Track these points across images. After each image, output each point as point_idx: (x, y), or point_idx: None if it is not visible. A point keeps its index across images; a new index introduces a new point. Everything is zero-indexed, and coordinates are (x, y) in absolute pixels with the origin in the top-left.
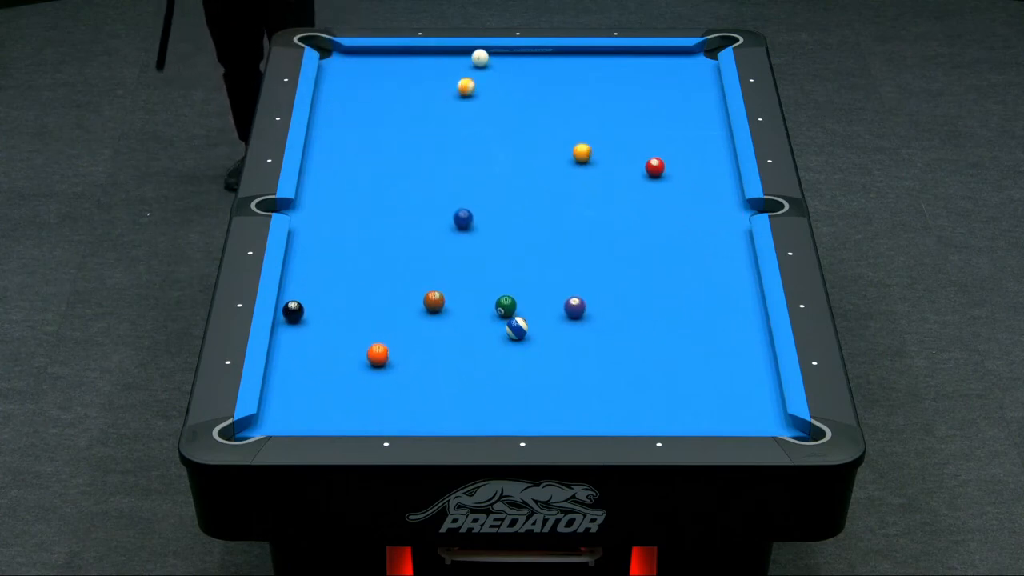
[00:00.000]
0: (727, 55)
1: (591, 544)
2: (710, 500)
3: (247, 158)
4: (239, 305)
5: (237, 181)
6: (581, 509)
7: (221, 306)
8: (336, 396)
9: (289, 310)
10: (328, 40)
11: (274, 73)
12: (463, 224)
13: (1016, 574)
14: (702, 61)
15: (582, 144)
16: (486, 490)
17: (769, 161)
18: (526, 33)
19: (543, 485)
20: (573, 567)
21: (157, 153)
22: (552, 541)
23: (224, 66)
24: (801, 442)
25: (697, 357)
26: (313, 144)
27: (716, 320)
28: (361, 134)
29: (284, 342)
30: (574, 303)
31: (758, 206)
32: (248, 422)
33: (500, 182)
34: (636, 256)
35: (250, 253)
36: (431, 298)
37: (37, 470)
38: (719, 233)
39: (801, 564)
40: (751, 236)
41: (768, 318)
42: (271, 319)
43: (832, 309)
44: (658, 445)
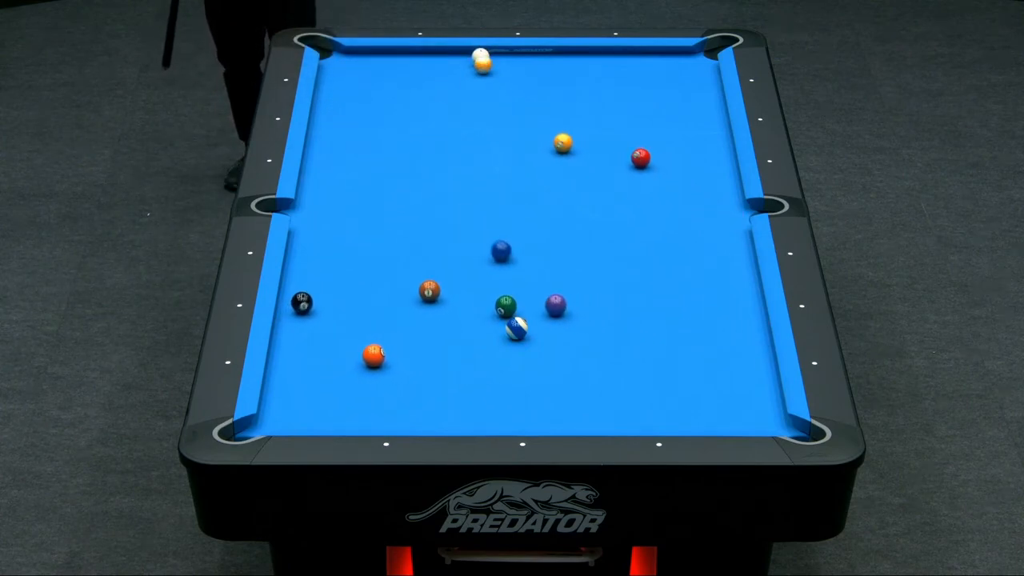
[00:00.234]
0: (727, 55)
1: (591, 544)
2: (710, 500)
3: (247, 158)
4: (239, 305)
5: (237, 181)
6: (581, 509)
7: (221, 306)
8: (336, 396)
9: (297, 301)
10: (328, 40)
11: (274, 73)
12: (501, 256)
13: (1016, 574)
14: (702, 61)
15: (563, 134)
16: (486, 490)
17: (769, 161)
18: (526, 33)
19: (543, 485)
20: (573, 567)
21: (157, 153)
22: (552, 541)
23: (224, 66)
24: (801, 442)
25: (697, 357)
26: (313, 144)
27: (716, 320)
28: (361, 134)
29: (284, 342)
30: (555, 301)
31: (758, 206)
32: (248, 422)
33: (500, 182)
34: (636, 256)
35: (250, 253)
36: (426, 287)
37: (37, 470)
38: (719, 233)
39: (801, 564)
40: (751, 236)
41: (768, 318)
42: (271, 319)
43: (832, 309)
44: (658, 445)
